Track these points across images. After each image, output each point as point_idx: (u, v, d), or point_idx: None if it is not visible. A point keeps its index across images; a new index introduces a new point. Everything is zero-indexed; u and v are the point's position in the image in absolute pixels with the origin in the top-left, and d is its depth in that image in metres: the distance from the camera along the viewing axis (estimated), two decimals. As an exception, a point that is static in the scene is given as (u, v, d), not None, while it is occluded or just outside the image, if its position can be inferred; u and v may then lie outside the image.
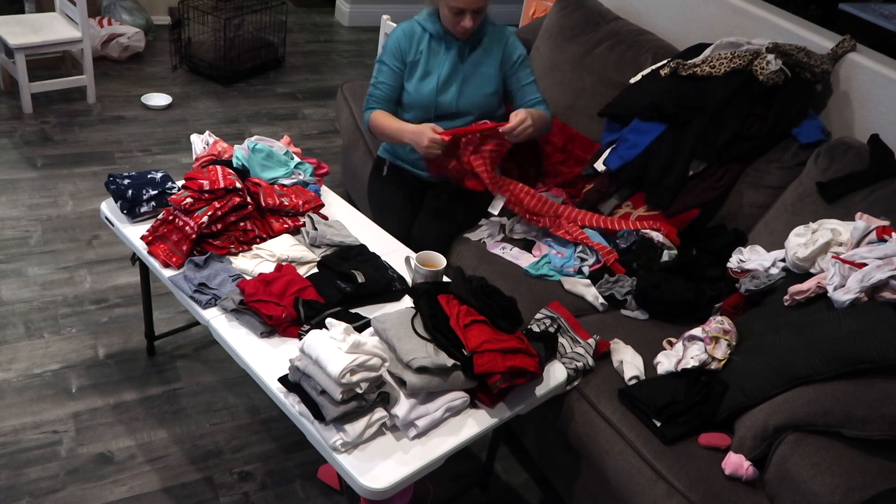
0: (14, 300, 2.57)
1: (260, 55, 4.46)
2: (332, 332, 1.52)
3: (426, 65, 2.41)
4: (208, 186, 1.93)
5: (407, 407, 1.55)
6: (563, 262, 2.27)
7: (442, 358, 1.59)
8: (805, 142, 2.30)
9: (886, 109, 2.29)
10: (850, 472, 1.54)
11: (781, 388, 1.70)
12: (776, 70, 2.34)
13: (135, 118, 3.78)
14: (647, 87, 2.56)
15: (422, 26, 2.42)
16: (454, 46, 2.40)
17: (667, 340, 2.05)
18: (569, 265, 2.27)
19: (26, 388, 2.27)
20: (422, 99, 2.41)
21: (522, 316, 1.75)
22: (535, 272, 2.26)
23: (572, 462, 1.97)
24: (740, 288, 2.04)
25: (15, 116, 3.61)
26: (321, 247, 2.02)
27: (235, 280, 1.85)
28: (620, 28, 2.89)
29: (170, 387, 2.35)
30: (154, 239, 1.95)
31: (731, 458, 1.70)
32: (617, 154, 2.49)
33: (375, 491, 1.45)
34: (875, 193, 2.06)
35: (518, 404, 1.69)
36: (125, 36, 4.20)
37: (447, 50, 2.41)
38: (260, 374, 1.64)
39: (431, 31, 2.41)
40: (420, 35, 2.42)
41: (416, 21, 2.44)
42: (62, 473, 2.04)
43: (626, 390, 1.86)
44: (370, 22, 5.45)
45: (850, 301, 1.73)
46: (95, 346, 2.45)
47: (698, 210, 2.34)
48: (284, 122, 4.02)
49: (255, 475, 2.12)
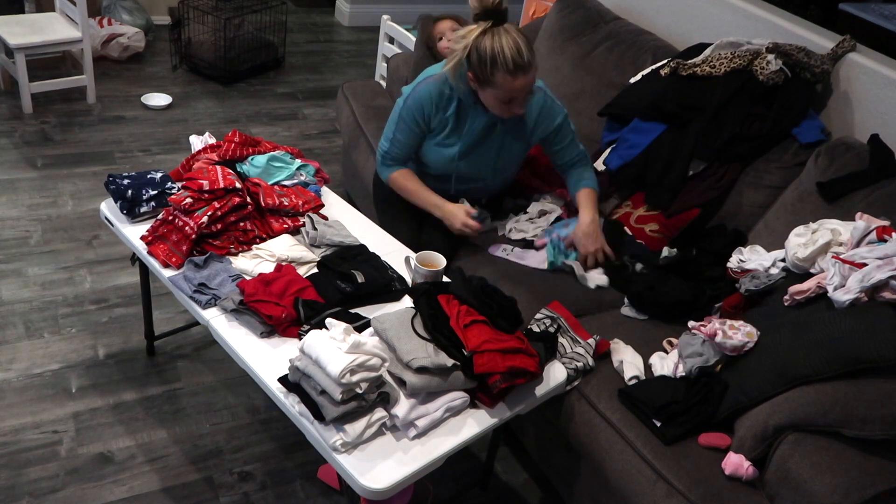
0: (14, 300, 2.57)
1: (260, 55, 4.46)
2: (332, 332, 1.52)
3: (452, 131, 2.22)
4: (208, 186, 1.93)
5: (407, 407, 1.55)
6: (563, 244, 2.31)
7: (442, 358, 1.59)
8: (805, 142, 2.30)
9: (886, 109, 2.29)
10: (850, 472, 1.54)
11: (781, 388, 1.70)
12: (776, 70, 2.34)
13: (135, 118, 3.78)
14: (647, 87, 2.56)
15: (450, 87, 2.16)
16: (484, 115, 2.18)
17: (667, 341, 2.05)
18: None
19: (26, 388, 2.27)
20: (440, 162, 2.28)
21: (522, 316, 1.75)
22: (558, 263, 2.27)
23: (572, 462, 1.97)
24: (740, 288, 2.04)
25: (15, 116, 3.61)
26: (321, 247, 2.02)
27: (235, 280, 1.85)
28: (620, 28, 2.89)
29: (170, 387, 2.35)
30: (154, 239, 1.95)
31: (731, 458, 1.70)
32: (617, 154, 2.49)
33: (375, 491, 1.45)
34: (875, 193, 2.06)
35: (518, 404, 1.68)
36: (125, 36, 4.20)
37: (475, 117, 2.19)
38: (260, 374, 1.64)
39: (461, 96, 2.16)
40: (448, 99, 2.17)
41: (446, 82, 2.15)
42: (62, 473, 2.04)
43: (626, 390, 1.86)
44: (370, 22, 5.45)
45: (850, 301, 1.72)
46: (95, 346, 2.45)
47: (698, 210, 2.34)
48: (284, 122, 4.02)
49: (255, 475, 2.12)
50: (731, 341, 1.81)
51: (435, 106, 2.18)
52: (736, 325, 1.85)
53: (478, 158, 2.27)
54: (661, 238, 2.37)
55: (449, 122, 2.20)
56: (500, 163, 2.31)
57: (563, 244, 2.29)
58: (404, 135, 2.25)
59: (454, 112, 2.18)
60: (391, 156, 2.31)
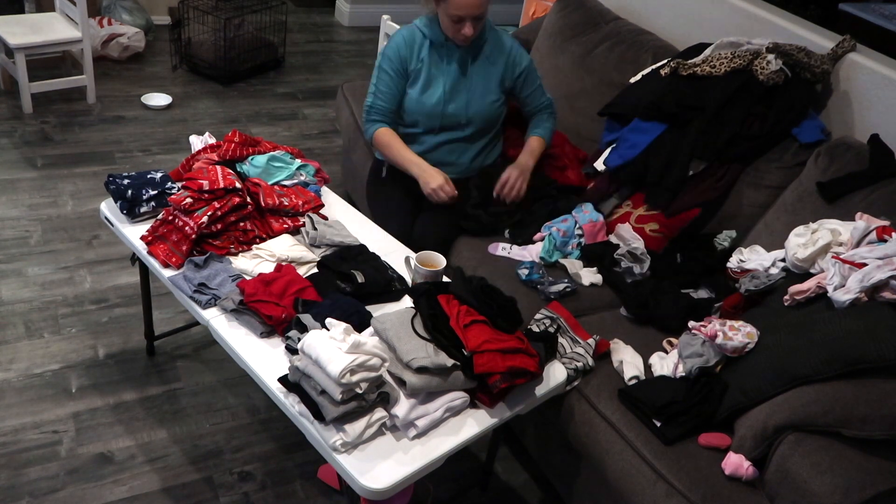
0: (14, 300, 2.57)
1: (260, 55, 4.46)
2: (332, 332, 1.52)
3: (428, 74, 2.37)
4: (208, 186, 1.93)
5: (407, 407, 1.55)
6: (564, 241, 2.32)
7: (442, 358, 1.59)
8: (805, 142, 2.30)
9: (886, 109, 2.29)
10: (850, 472, 1.54)
11: (781, 388, 1.70)
12: (776, 70, 2.34)
13: (135, 118, 3.78)
14: (648, 87, 2.56)
15: (422, 32, 2.38)
16: (456, 54, 2.37)
17: (667, 341, 2.05)
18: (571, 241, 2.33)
19: (26, 388, 2.27)
20: (426, 110, 2.38)
21: (522, 316, 1.75)
22: (551, 259, 2.29)
23: (572, 462, 1.97)
24: (740, 288, 2.04)
25: (15, 116, 3.61)
26: (321, 247, 2.02)
27: (235, 280, 1.85)
28: (620, 28, 2.89)
29: (170, 387, 2.35)
30: (154, 239, 1.95)
31: (731, 458, 1.70)
32: (617, 154, 2.49)
33: (375, 491, 1.45)
34: (875, 193, 2.06)
35: (518, 404, 1.68)
36: (125, 36, 4.20)
37: (449, 58, 2.37)
38: (260, 374, 1.64)
39: (432, 38, 2.36)
40: (421, 42, 2.38)
41: (416, 27, 2.40)
42: (62, 473, 2.04)
43: (626, 390, 1.86)
44: (370, 22, 5.45)
45: (850, 301, 1.72)
46: (95, 346, 2.45)
47: (698, 210, 2.34)
48: (284, 122, 4.02)
49: (255, 475, 2.12)
50: (732, 342, 1.81)
51: (409, 48, 2.36)
52: (736, 326, 1.85)
53: (458, 97, 2.39)
54: (661, 238, 2.37)
55: (424, 62, 2.36)
56: (481, 104, 2.41)
57: (556, 240, 2.30)
58: (385, 84, 2.38)
59: (428, 52, 2.36)
60: (375, 108, 2.42)
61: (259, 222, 2.02)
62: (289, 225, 2.06)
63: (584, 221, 2.36)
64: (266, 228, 2.03)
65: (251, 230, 1.98)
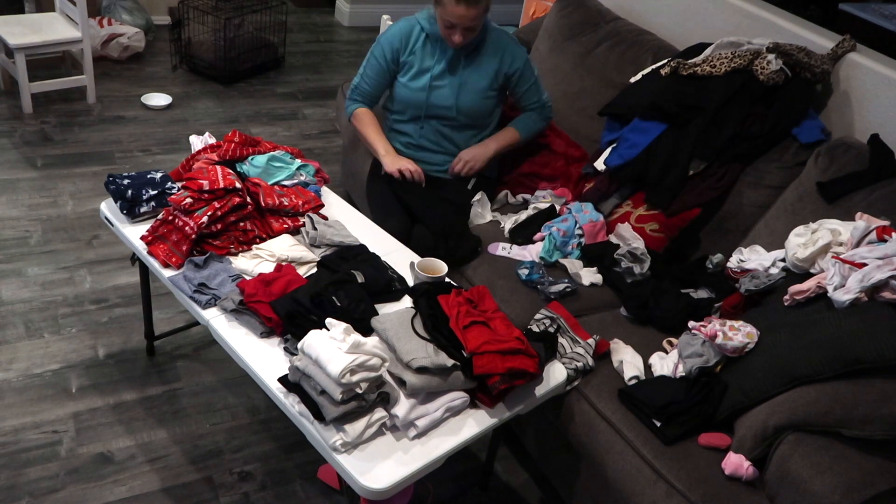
0: (14, 300, 2.57)
1: (260, 55, 4.46)
2: (332, 332, 1.52)
3: (420, 63, 2.41)
4: (208, 186, 1.93)
5: (407, 407, 1.55)
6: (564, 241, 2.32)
7: (442, 358, 1.59)
8: (805, 142, 2.30)
9: (886, 109, 2.29)
10: (850, 472, 1.54)
11: (781, 388, 1.70)
12: (776, 70, 2.34)
13: (135, 118, 3.78)
14: (648, 87, 2.56)
15: (421, 25, 2.42)
16: (450, 49, 2.40)
17: (667, 341, 2.05)
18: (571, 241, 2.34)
19: (26, 388, 2.27)
20: (412, 95, 2.43)
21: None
22: (551, 259, 2.29)
23: (572, 462, 1.97)
24: (740, 288, 2.04)
25: (15, 116, 3.61)
26: (321, 247, 2.02)
27: (235, 280, 1.85)
28: (620, 28, 2.89)
29: (170, 387, 2.35)
30: (154, 239, 1.95)
31: (731, 458, 1.70)
32: (617, 153, 2.48)
33: (375, 491, 1.45)
34: (875, 193, 2.06)
35: (518, 404, 1.68)
36: (125, 36, 4.20)
37: (443, 51, 2.40)
38: (260, 374, 1.64)
39: (429, 32, 2.40)
40: (417, 34, 2.42)
41: (417, 19, 2.44)
42: (62, 473, 2.04)
43: (626, 390, 1.86)
44: (370, 22, 5.45)
45: (850, 301, 1.72)
46: (95, 346, 2.45)
47: (699, 210, 2.34)
48: (284, 122, 4.02)
49: (255, 475, 2.12)
50: (732, 343, 1.81)
51: (404, 41, 2.41)
52: (736, 326, 1.85)
53: (446, 88, 2.42)
54: (661, 237, 2.37)
55: (417, 55, 2.41)
56: (470, 97, 2.44)
57: (556, 240, 2.30)
58: (373, 69, 2.46)
59: (422, 45, 2.40)
60: (359, 90, 2.51)
61: (259, 222, 2.02)
62: (289, 225, 2.06)
63: (585, 221, 2.37)
64: (266, 228, 2.03)
65: (251, 230, 1.98)
